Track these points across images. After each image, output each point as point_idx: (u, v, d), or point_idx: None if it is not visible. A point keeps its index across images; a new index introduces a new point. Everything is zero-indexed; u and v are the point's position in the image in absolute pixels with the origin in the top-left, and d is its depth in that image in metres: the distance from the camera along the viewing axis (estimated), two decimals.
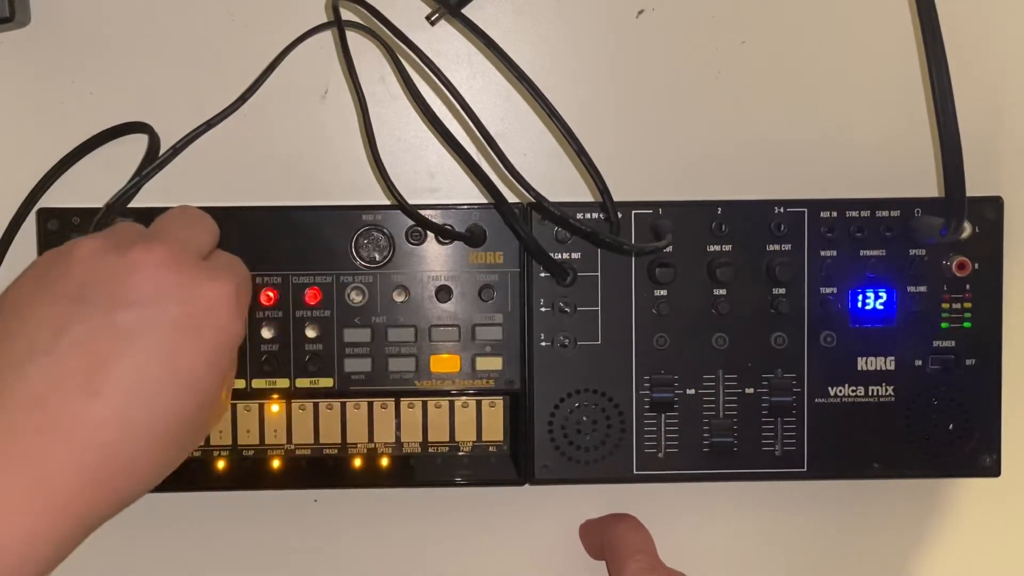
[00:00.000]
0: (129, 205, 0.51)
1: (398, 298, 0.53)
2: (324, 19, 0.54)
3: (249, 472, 0.54)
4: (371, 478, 0.54)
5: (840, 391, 0.53)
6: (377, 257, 0.53)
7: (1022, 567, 0.58)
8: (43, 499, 0.34)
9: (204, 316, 0.38)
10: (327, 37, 0.54)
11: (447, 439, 0.54)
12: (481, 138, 0.49)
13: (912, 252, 0.53)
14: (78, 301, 0.37)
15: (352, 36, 0.52)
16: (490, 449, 0.54)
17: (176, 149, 0.52)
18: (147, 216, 0.52)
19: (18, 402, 0.35)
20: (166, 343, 0.37)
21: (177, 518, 0.56)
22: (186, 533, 0.56)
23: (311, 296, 0.52)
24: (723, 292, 0.53)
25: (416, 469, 0.54)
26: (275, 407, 0.53)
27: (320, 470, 0.54)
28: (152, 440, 0.36)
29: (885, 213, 0.53)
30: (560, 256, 0.52)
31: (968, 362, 0.53)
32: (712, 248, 0.53)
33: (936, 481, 0.57)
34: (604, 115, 0.55)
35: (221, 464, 0.54)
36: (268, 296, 0.52)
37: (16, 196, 0.53)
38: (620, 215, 0.52)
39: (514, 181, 0.47)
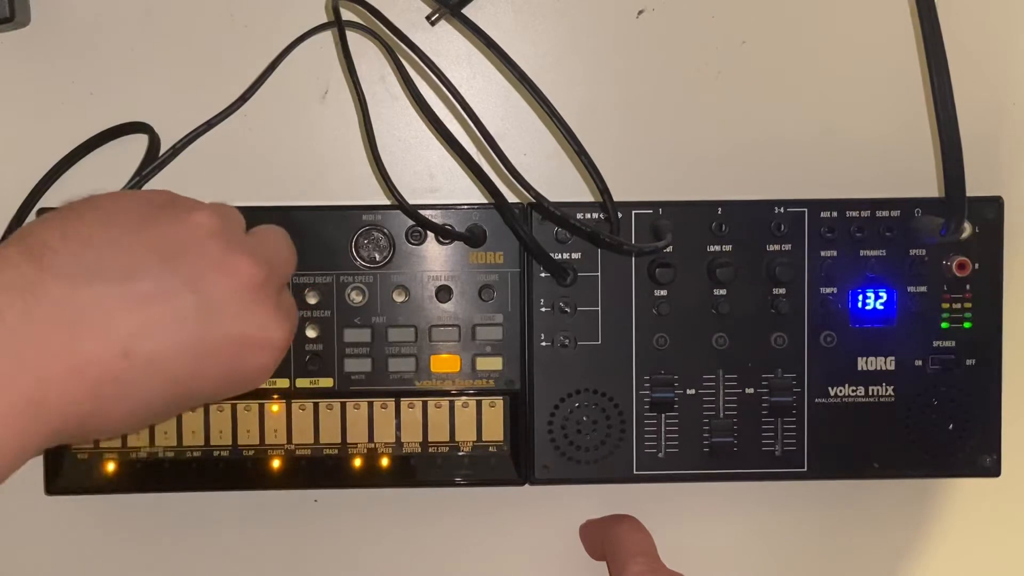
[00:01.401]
0: None
1: (398, 298, 0.53)
2: (324, 19, 0.54)
3: (249, 472, 0.54)
4: (371, 478, 0.54)
5: (840, 391, 0.53)
6: (377, 257, 0.53)
7: (1022, 567, 0.59)
8: (31, 406, 0.33)
9: (250, 352, 0.38)
10: (327, 37, 0.54)
11: (447, 439, 0.54)
12: (481, 138, 0.48)
13: (912, 252, 0.53)
14: (166, 260, 0.36)
15: (352, 36, 0.52)
16: (490, 449, 0.54)
17: (176, 149, 0.52)
18: None
19: (55, 311, 0.34)
20: (205, 306, 0.37)
21: (178, 518, 0.56)
22: (186, 533, 0.56)
23: (311, 296, 0.52)
24: (723, 292, 0.53)
25: (416, 469, 0.54)
26: (275, 407, 0.53)
27: (320, 470, 0.54)
28: (133, 415, 0.36)
29: (885, 213, 0.53)
30: (560, 256, 0.52)
31: (968, 362, 0.53)
32: (712, 248, 0.53)
33: (936, 481, 0.57)
34: (604, 115, 0.55)
35: (221, 464, 0.54)
36: None
37: (16, 196, 0.53)
38: (620, 215, 0.52)
39: (514, 181, 0.47)
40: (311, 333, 0.53)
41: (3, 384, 0.33)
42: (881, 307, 0.53)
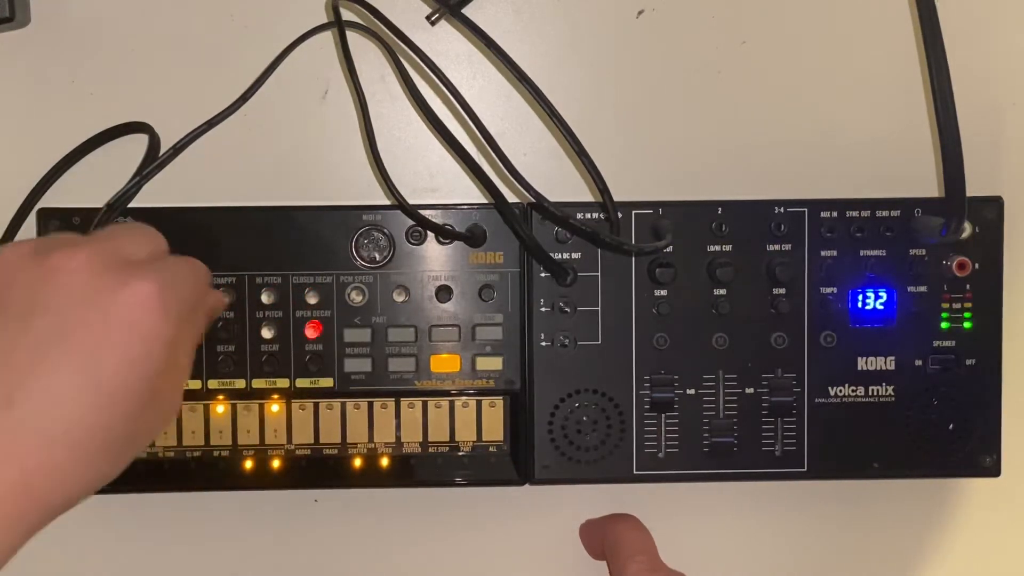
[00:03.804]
0: (129, 205, 0.51)
1: (398, 298, 0.53)
2: (324, 19, 0.54)
3: (249, 472, 0.54)
4: (371, 478, 0.54)
5: (840, 391, 0.53)
6: (377, 257, 0.53)
7: (1022, 567, 0.58)
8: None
9: (124, 322, 0.36)
10: (327, 37, 0.54)
11: (447, 439, 0.54)
12: (481, 138, 0.48)
13: (912, 252, 0.53)
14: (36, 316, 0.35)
15: (352, 36, 0.52)
16: (490, 449, 0.54)
17: (176, 149, 0.52)
18: (148, 216, 0.52)
19: None
20: (84, 351, 0.35)
21: (178, 518, 0.56)
22: (187, 533, 0.56)
23: (311, 297, 0.52)
24: (723, 292, 0.53)
25: (416, 469, 0.54)
26: (275, 407, 0.53)
27: (320, 470, 0.54)
28: (72, 448, 0.35)
29: (885, 213, 0.53)
30: (560, 256, 0.52)
31: (968, 362, 0.53)
32: (712, 248, 0.53)
33: (936, 481, 0.57)
34: (604, 115, 0.55)
35: (220, 464, 0.54)
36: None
37: (16, 196, 0.53)
38: (620, 215, 0.52)
39: (514, 181, 0.47)
40: (311, 333, 0.53)
41: None
42: (881, 307, 0.53)
